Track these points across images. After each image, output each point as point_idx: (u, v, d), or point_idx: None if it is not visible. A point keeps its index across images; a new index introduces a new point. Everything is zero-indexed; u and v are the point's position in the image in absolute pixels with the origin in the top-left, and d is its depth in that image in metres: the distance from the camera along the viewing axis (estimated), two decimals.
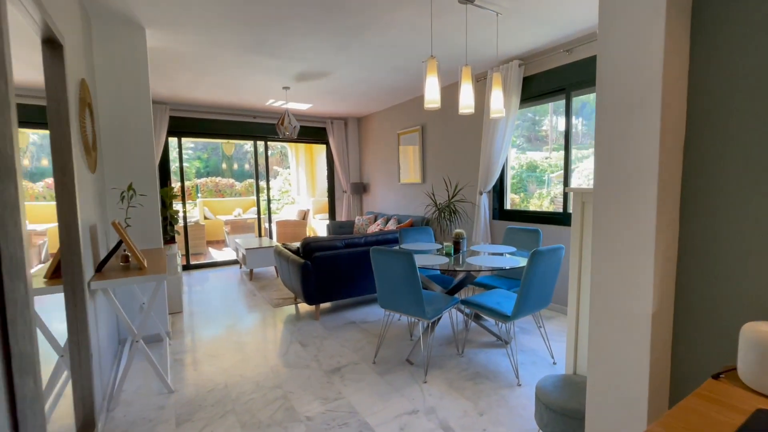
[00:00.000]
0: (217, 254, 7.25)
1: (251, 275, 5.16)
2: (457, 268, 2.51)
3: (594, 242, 1.30)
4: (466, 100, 2.58)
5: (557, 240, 3.60)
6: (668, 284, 1.22)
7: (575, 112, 4.08)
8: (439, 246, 3.32)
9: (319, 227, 8.87)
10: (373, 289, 3.79)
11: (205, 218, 8.87)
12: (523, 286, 2.33)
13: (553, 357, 2.70)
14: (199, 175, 10.83)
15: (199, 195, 10.14)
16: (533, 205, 4.23)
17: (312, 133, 6.88)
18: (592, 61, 3.26)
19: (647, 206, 1.16)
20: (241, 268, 5.94)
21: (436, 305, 2.57)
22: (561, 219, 3.63)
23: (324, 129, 6.96)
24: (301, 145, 9.51)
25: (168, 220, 5.47)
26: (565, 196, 3.58)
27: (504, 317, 2.44)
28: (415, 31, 3.09)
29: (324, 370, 2.61)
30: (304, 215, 7.98)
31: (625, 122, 1.20)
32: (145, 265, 2.35)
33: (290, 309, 3.91)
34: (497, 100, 2.73)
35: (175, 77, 4.29)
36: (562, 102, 3.62)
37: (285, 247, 3.99)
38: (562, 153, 4.14)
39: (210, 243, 8.54)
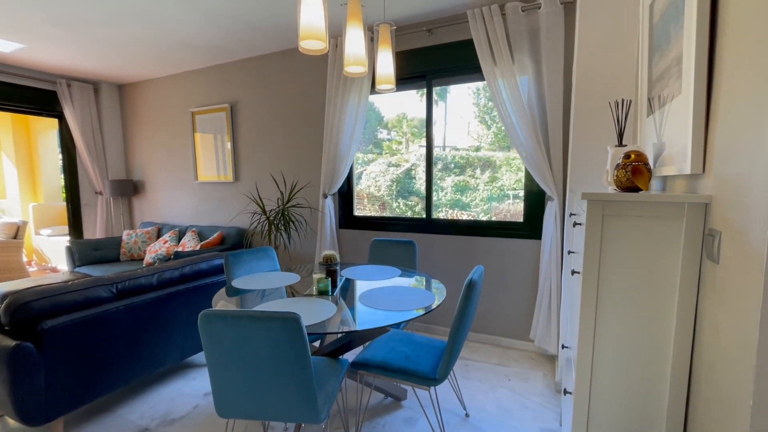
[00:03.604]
0: None
1: None
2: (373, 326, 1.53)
3: None
4: (355, 48, 1.63)
5: (428, 249, 3.11)
6: None
7: None
8: (295, 277, 2.22)
9: (50, 249, 5.77)
10: (178, 353, 2.29)
11: None
12: (456, 334, 1.60)
13: (465, 407, 2.11)
14: None
15: None
16: None
17: (28, 96, 4.18)
18: (454, 47, 2.89)
19: None
20: None
21: (326, 388, 1.52)
22: (424, 224, 3.16)
23: (54, 93, 4.36)
24: (6, 116, 5.95)
25: None
26: (429, 198, 3.13)
27: (427, 380, 1.65)
28: None
29: None
30: (16, 231, 4.92)
31: None
32: None
33: None
34: (386, 63, 1.90)
35: None
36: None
37: None
38: (368, 156, 3.78)
39: None
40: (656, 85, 1.49)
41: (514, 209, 3.17)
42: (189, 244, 3.81)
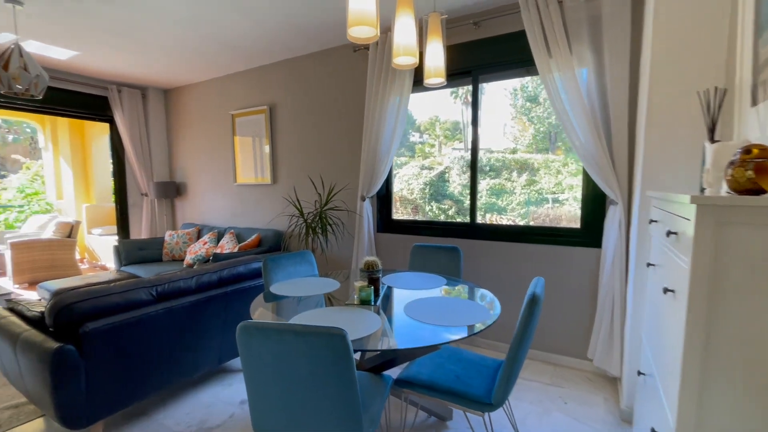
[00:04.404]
0: None
1: None
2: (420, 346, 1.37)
3: None
4: (406, 38, 1.49)
5: (472, 256, 2.91)
6: None
7: None
8: (334, 284, 2.11)
9: (100, 248, 6.06)
10: (215, 358, 2.24)
11: None
12: (516, 355, 1.42)
13: (517, 430, 1.91)
14: None
15: None
16: None
17: (82, 102, 4.39)
18: (503, 40, 2.70)
19: None
20: None
21: (370, 409, 1.39)
22: (467, 229, 2.97)
23: (105, 98, 4.56)
24: (63, 120, 6.34)
25: None
26: (474, 202, 2.94)
27: (481, 405, 1.47)
28: None
29: None
30: (70, 230, 5.18)
31: None
32: None
33: (27, 431, 1.93)
34: (436, 56, 1.75)
35: None
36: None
37: (13, 311, 1.96)
38: (401, 159, 3.72)
39: None
40: (765, 68, 1.25)
41: (554, 214, 2.96)
42: (227, 245, 3.82)
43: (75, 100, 4.31)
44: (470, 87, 2.90)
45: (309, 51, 3.56)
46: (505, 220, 3.42)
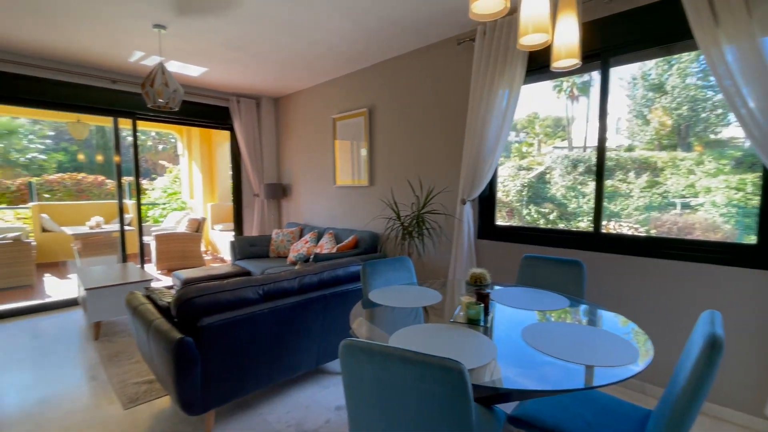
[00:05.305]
0: (58, 286, 4.84)
1: (97, 331, 3.14)
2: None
3: None
4: (536, 11, 1.25)
5: (595, 272, 2.47)
6: None
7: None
8: (435, 296, 1.93)
9: (220, 242, 6.84)
10: (313, 359, 2.24)
11: (44, 230, 6.18)
12: (685, 413, 1.07)
13: None
14: (62, 170, 8.00)
15: (37, 198, 7.20)
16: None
17: (209, 113, 4.96)
18: (640, 14, 2.23)
19: None
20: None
21: None
22: (590, 239, 2.54)
23: (227, 109, 5.09)
24: (195, 131, 7.33)
25: None
26: (599, 207, 2.49)
27: None
28: None
29: None
30: (198, 226, 5.93)
31: None
32: None
33: (157, 406, 2.14)
34: (569, 33, 1.46)
35: None
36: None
37: (149, 298, 2.20)
38: None
39: (48, 267, 5.90)
40: None
41: (683, 221, 2.52)
42: (326, 246, 3.93)
43: (203, 111, 4.89)
44: (576, 79, 2.49)
45: (409, 49, 3.45)
46: (625, 228, 2.90)
